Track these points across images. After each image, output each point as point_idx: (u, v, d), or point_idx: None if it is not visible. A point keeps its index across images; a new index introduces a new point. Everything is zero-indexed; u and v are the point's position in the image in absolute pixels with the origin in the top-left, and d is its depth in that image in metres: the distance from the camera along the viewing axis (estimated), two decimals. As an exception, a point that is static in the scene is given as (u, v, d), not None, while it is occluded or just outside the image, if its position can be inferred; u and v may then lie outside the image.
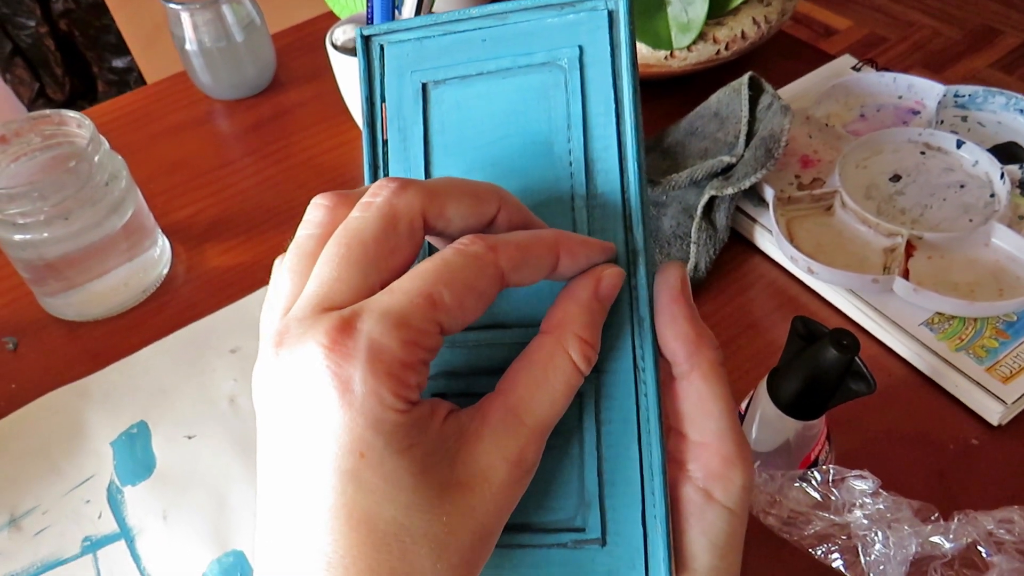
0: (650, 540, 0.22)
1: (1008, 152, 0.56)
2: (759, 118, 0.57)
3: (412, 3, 0.54)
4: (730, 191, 0.52)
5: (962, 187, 0.55)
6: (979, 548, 0.35)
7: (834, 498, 0.36)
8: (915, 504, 0.36)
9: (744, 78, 0.58)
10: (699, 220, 0.53)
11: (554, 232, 0.23)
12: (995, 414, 0.45)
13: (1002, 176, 0.53)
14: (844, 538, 0.36)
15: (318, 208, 0.22)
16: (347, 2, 0.69)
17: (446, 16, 0.26)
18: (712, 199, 0.54)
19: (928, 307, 0.48)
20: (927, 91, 0.62)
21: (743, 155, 0.55)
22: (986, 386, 0.45)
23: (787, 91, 0.65)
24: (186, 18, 0.67)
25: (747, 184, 0.52)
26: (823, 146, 0.60)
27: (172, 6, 0.66)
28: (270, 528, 0.20)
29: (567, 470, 0.24)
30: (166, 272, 0.58)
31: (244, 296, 0.56)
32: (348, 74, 0.63)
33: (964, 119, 0.61)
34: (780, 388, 0.37)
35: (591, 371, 0.23)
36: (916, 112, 0.62)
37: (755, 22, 0.63)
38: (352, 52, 0.61)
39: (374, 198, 0.21)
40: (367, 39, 0.27)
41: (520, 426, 0.21)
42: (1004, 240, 0.51)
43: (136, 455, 0.47)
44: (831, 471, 0.36)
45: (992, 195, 0.54)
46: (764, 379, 0.38)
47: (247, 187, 0.65)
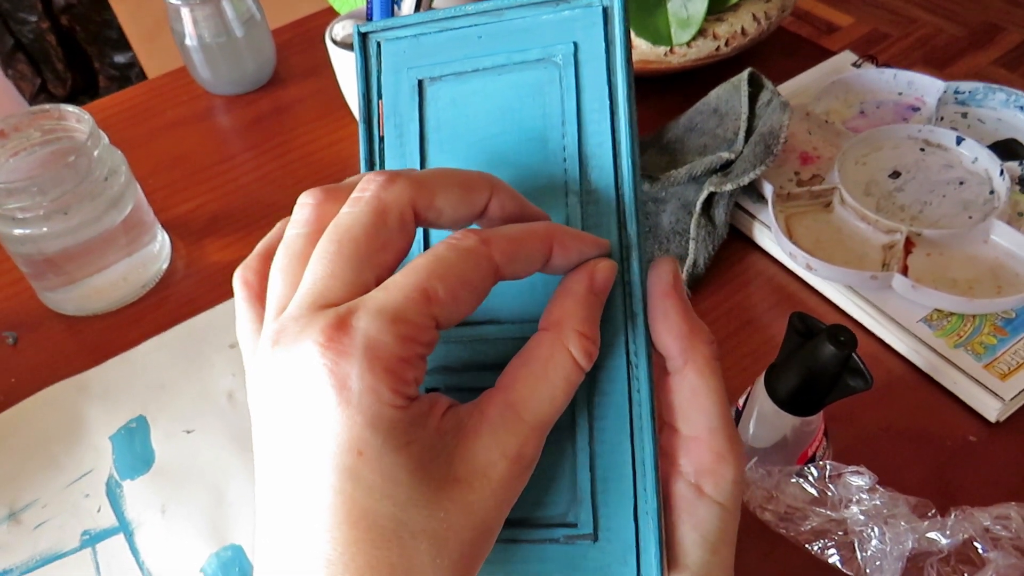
0: (642, 536, 0.22)
1: (1008, 149, 0.56)
2: (758, 114, 0.57)
3: (411, 1, 0.54)
4: (729, 187, 0.52)
5: (961, 184, 0.54)
6: (975, 544, 0.35)
7: (831, 494, 0.36)
8: (912, 500, 0.36)
9: (744, 74, 0.58)
10: (698, 216, 0.53)
11: (546, 225, 0.23)
12: (993, 411, 0.45)
13: (1001, 173, 0.53)
14: (841, 534, 0.36)
15: (304, 207, 0.22)
16: (347, -3, 0.69)
17: (442, 13, 0.26)
18: (711, 195, 0.54)
19: (927, 304, 0.48)
20: (927, 87, 0.62)
21: (742, 151, 0.55)
22: (984, 383, 0.45)
23: (787, 87, 0.65)
24: (186, 13, 0.67)
25: (746, 180, 0.52)
26: (822, 142, 0.60)
27: (172, 2, 0.66)
28: (269, 527, 0.20)
29: (559, 466, 0.24)
30: (165, 267, 0.58)
31: (243, 291, 0.56)
32: (348, 70, 0.63)
33: (964, 116, 0.61)
34: (778, 384, 0.37)
35: None
36: (916, 108, 0.62)
37: (755, 18, 0.63)
38: (352, 48, 0.61)
39: (363, 193, 0.21)
40: (364, 36, 0.27)
41: (519, 422, 0.21)
42: (1003, 237, 0.51)
43: (135, 449, 0.47)
44: (828, 467, 0.36)
45: (991, 192, 0.54)
46: (762, 375, 0.39)
47: (247, 182, 0.65)
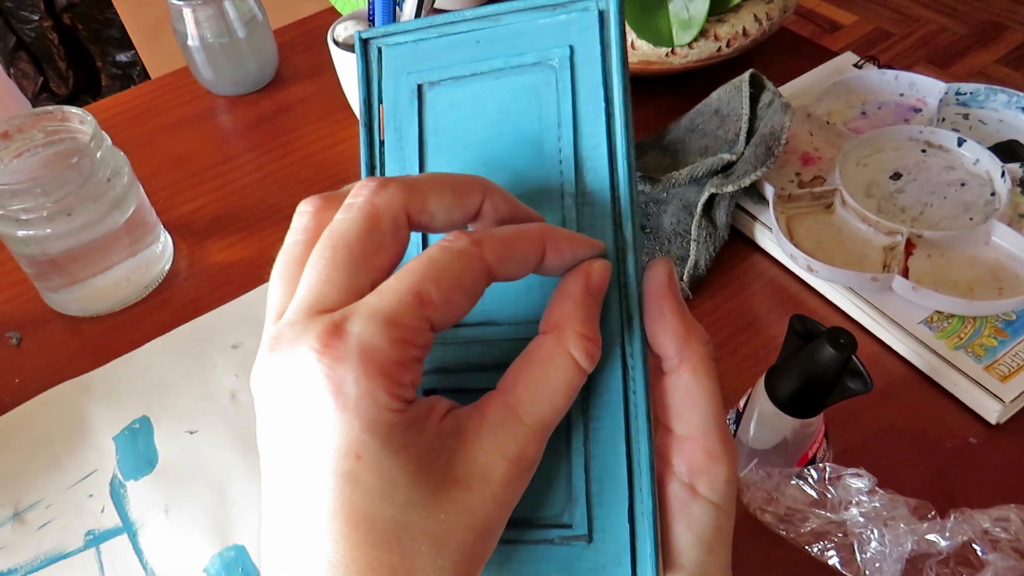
0: (637, 537, 0.23)
1: (1009, 150, 0.56)
2: (760, 115, 0.57)
3: (413, 2, 0.54)
4: (730, 188, 0.53)
5: (963, 185, 0.54)
6: (974, 546, 0.35)
7: (831, 496, 0.36)
8: (911, 502, 0.36)
9: (745, 75, 0.58)
10: (699, 217, 0.53)
11: (539, 226, 0.23)
12: (993, 413, 0.45)
13: (1003, 174, 0.53)
14: (840, 535, 0.36)
15: (302, 215, 0.23)
16: (349, -2, 0.69)
17: (441, 19, 0.26)
18: (712, 196, 0.54)
19: (927, 305, 0.48)
20: (928, 89, 0.62)
21: (743, 152, 0.55)
22: (984, 385, 0.45)
23: (788, 88, 0.65)
24: (188, 14, 0.67)
25: (747, 182, 0.52)
26: (824, 144, 0.60)
27: (174, 2, 0.67)
28: (274, 530, 0.20)
29: (555, 466, 0.24)
30: (168, 268, 0.59)
31: (246, 292, 0.56)
32: (349, 70, 0.63)
33: (965, 117, 0.61)
34: (778, 386, 0.37)
35: None
36: (917, 110, 0.62)
37: (756, 19, 0.63)
38: (353, 48, 0.61)
39: (355, 199, 0.21)
40: (366, 42, 0.27)
41: (519, 424, 0.21)
42: (1004, 239, 0.51)
43: (138, 450, 0.48)
44: (828, 469, 0.37)
45: (993, 193, 0.54)
46: (762, 377, 0.39)
47: (249, 183, 0.65)
